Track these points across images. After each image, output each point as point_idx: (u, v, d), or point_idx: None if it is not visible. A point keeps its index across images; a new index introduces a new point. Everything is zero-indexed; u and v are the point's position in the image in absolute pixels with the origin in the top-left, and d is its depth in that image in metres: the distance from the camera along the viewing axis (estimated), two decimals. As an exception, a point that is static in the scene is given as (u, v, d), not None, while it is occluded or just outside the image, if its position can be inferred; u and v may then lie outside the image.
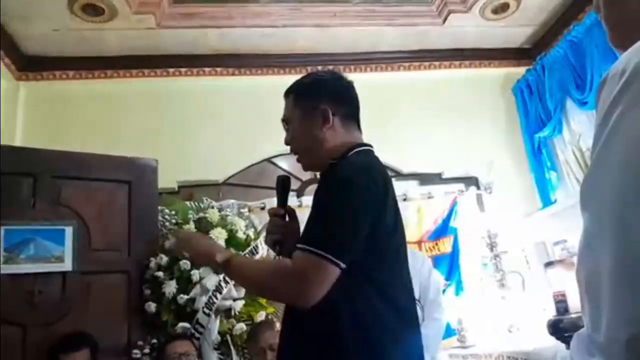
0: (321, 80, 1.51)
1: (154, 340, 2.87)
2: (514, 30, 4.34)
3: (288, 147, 1.53)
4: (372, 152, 1.46)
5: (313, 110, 1.42)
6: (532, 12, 4.09)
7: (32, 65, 4.04)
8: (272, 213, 1.51)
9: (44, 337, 2.73)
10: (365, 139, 1.52)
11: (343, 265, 1.20)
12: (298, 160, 1.51)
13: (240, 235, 3.17)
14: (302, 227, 1.51)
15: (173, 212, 3.29)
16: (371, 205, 1.26)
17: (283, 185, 1.53)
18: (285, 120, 1.51)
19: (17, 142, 3.76)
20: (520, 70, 4.45)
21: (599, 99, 0.75)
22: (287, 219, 1.51)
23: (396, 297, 1.30)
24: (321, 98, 1.43)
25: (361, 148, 1.42)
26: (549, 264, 2.96)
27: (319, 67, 4.36)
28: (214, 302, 2.89)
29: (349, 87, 1.51)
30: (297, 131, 1.46)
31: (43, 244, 2.88)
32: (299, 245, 1.23)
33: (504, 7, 4.02)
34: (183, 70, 4.25)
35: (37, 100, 4.04)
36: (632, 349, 0.61)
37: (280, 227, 1.48)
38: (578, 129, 3.81)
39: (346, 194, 1.25)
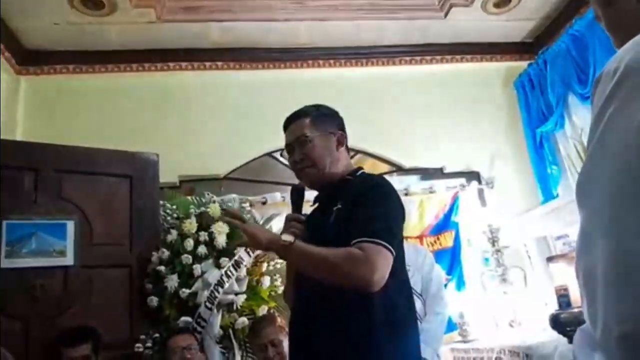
0: (333, 112, 1.73)
1: (156, 335, 2.87)
2: (515, 24, 4.32)
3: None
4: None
5: (331, 134, 1.65)
6: (534, 5, 4.08)
7: (32, 59, 4.04)
8: (292, 219, 1.62)
9: (46, 331, 2.74)
10: (368, 133, 1.62)
11: (394, 254, 1.42)
12: (306, 174, 1.64)
13: (242, 229, 3.17)
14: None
15: (174, 207, 3.29)
16: (400, 209, 1.55)
17: (297, 194, 1.67)
18: (302, 139, 1.63)
19: (18, 137, 3.76)
20: (522, 65, 4.44)
21: (594, 97, 0.76)
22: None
23: (405, 289, 1.54)
24: (337, 126, 1.69)
25: (361, 170, 1.69)
26: (550, 259, 2.97)
27: (320, 61, 4.36)
28: (216, 297, 2.89)
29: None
30: (320, 149, 1.63)
31: (45, 238, 2.89)
32: (368, 239, 1.39)
33: (506, 1, 4.01)
34: (184, 64, 4.24)
35: (37, 94, 4.03)
36: (624, 346, 0.62)
37: (299, 232, 1.57)
38: (580, 123, 3.80)
39: (390, 197, 1.53)
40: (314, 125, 1.65)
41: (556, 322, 2.67)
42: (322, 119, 1.67)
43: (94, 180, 3.17)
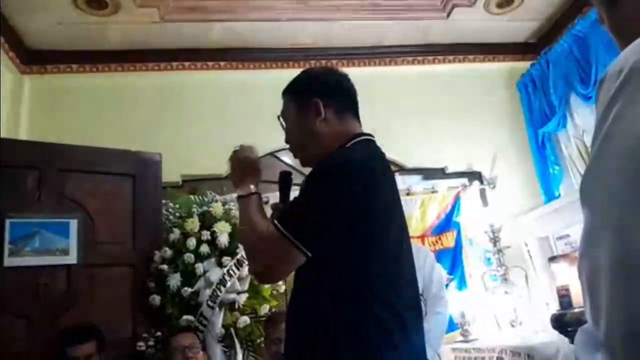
0: (313, 75, 1.55)
1: (159, 333, 2.88)
2: (518, 25, 4.32)
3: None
4: (370, 141, 1.45)
5: (306, 104, 1.45)
6: (536, 6, 4.07)
7: (36, 58, 4.04)
8: (274, 208, 1.54)
9: (49, 329, 2.75)
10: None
11: (308, 253, 1.22)
12: (295, 156, 1.53)
13: (244, 229, 3.18)
14: None
15: (177, 206, 3.30)
16: (349, 198, 1.24)
17: (284, 181, 1.55)
18: (283, 117, 1.53)
19: (22, 136, 3.77)
20: (525, 65, 4.44)
21: (598, 98, 0.76)
22: None
23: (391, 294, 1.25)
24: (313, 92, 1.46)
25: (359, 139, 1.42)
26: (552, 259, 2.97)
27: (323, 62, 4.36)
28: (218, 295, 2.90)
29: (341, 79, 1.53)
30: (293, 126, 1.49)
31: (48, 236, 2.90)
32: (276, 222, 1.25)
33: (509, 1, 4.00)
34: (187, 64, 4.24)
35: (41, 93, 4.04)
36: (629, 347, 0.62)
37: None
38: (582, 124, 3.81)
39: (321, 185, 1.27)
40: (289, 101, 1.51)
41: (558, 322, 2.68)
42: (298, 89, 1.51)
43: (97, 179, 3.18)
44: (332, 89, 1.48)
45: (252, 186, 1.44)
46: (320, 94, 1.45)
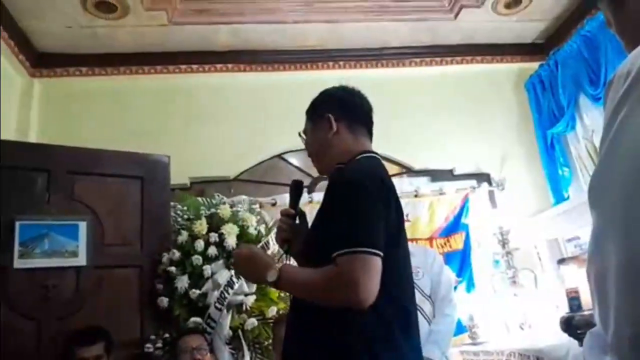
0: (328, 93, 1.62)
1: (166, 335, 2.89)
2: (526, 25, 4.30)
3: (298, 143, 1.68)
4: (376, 158, 1.52)
5: (321, 119, 1.55)
6: (545, 6, 4.05)
7: (45, 61, 4.08)
8: (284, 213, 1.59)
9: (58, 330, 2.77)
10: (377, 135, 1.59)
11: (382, 254, 1.24)
12: (316, 167, 1.63)
13: (252, 231, 3.19)
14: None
15: (185, 208, 3.31)
16: (379, 205, 1.32)
17: (296, 189, 1.63)
18: (304, 134, 1.64)
19: (31, 138, 3.80)
20: (533, 66, 4.41)
21: (606, 100, 0.76)
22: (297, 220, 1.59)
23: (400, 296, 1.33)
24: (327, 108, 1.56)
25: (365, 155, 1.50)
26: (561, 261, 2.95)
27: (330, 63, 4.37)
28: (226, 297, 2.91)
29: (354, 96, 1.61)
30: (310, 139, 1.61)
31: (57, 238, 2.92)
32: (337, 253, 1.23)
33: (517, 2, 3.98)
34: (194, 66, 4.26)
35: (50, 96, 4.07)
36: (637, 348, 0.62)
37: (290, 227, 1.56)
38: (591, 125, 3.78)
39: (359, 194, 1.31)
40: (309, 117, 1.62)
41: (567, 325, 2.65)
42: (314, 106, 1.62)
43: (106, 182, 3.20)
44: (344, 104, 1.57)
45: (275, 266, 1.37)
46: (333, 109, 1.55)
